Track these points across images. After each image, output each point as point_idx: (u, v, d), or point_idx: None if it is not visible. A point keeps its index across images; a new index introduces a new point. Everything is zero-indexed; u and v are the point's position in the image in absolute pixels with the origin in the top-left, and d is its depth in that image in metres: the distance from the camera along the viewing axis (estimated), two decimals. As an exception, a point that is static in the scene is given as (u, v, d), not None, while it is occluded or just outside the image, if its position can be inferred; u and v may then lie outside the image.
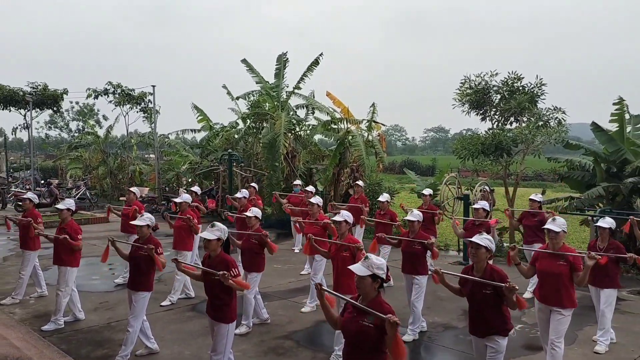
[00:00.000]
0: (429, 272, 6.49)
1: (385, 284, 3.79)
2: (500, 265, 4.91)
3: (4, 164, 29.34)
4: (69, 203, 7.45)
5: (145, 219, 6.01)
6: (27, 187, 21.84)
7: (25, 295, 8.38)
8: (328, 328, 7.35)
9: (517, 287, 4.29)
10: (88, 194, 20.96)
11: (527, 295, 8.59)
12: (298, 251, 12.09)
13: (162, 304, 8.09)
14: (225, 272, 4.78)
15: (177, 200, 8.72)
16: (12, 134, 28.87)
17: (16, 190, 20.40)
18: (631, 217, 7.61)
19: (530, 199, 8.94)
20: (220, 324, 5.06)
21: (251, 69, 17.84)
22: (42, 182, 22.88)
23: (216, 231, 5.10)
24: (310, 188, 11.33)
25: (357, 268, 3.68)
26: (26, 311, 7.79)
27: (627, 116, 11.63)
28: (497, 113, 12.98)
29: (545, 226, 5.59)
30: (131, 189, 10.13)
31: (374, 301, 3.65)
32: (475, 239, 4.68)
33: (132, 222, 6.20)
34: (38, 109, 23.55)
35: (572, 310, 5.41)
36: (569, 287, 5.36)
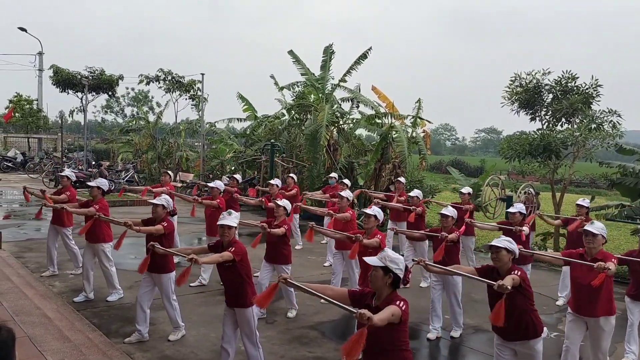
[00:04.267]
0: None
1: (402, 286, 3.65)
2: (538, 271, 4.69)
3: (59, 145, 30.61)
4: (100, 182, 7.61)
5: (162, 199, 6.13)
6: (80, 167, 22.73)
7: (64, 270, 8.72)
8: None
9: (506, 287, 3.96)
10: (136, 177, 21.63)
11: (560, 302, 8.28)
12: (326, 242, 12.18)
13: (192, 284, 8.26)
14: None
15: (210, 184, 8.87)
16: (70, 117, 30.14)
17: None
18: None
19: (577, 204, 8.57)
20: (241, 310, 5.09)
21: (297, 60, 17.87)
22: (94, 163, 23.75)
23: (234, 219, 5.17)
24: (346, 181, 11.26)
25: (371, 259, 3.61)
26: (65, 285, 8.08)
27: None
28: (548, 113, 12.49)
29: (584, 228, 5.31)
30: (167, 171, 10.37)
31: (387, 299, 3.49)
32: (495, 242, 4.50)
33: (150, 201, 6.34)
34: (94, 93, 24.43)
35: (613, 318, 5.15)
36: (606, 294, 5.07)
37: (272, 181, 9.87)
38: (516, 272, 4.30)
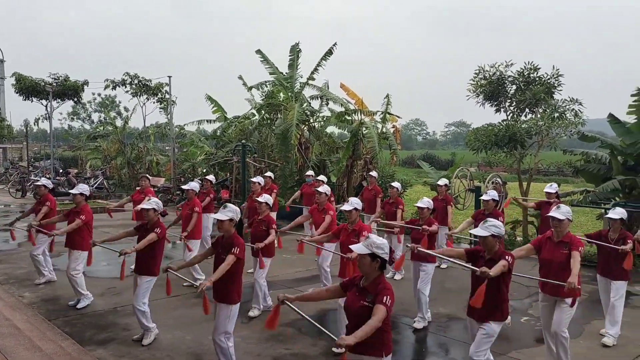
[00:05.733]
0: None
1: (391, 271, 3.80)
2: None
3: (25, 154, 29.90)
4: (82, 188, 7.55)
5: (152, 202, 6.08)
6: (47, 176, 22.24)
7: (34, 281, 8.54)
8: (331, 317, 7.34)
9: (490, 274, 4.35)
10: (106, 184, 21.26)
11: None
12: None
13: (184, 284, 8.23)
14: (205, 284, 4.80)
15: (185, 187, 8.83)
16: (35, 125, 29.47)
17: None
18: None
19: (546, 192, 8.79)
20: (223, 305, 5.10)
21: (265, 59, 17.82)
22: (61, 171, 23.28)
23: (228, 212, 5.13)
24: (322, 177, 11.34)
25: (357, 247, 3.77)
26: (35, 295, 7.92)
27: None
28: (512, 104, 12.76)
29: (549, 214, 5.47)
30: (146, 175, 10.27)
31: (375, 281, 3.70)
32: (479, 231, 4.67)
33: (139, 206, 6.28)
34: (59, 100, 23.91)
35: (576, 299, 5.31)
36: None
37: (254, 179, 9.84)
38: (508, 258, 4.54)
